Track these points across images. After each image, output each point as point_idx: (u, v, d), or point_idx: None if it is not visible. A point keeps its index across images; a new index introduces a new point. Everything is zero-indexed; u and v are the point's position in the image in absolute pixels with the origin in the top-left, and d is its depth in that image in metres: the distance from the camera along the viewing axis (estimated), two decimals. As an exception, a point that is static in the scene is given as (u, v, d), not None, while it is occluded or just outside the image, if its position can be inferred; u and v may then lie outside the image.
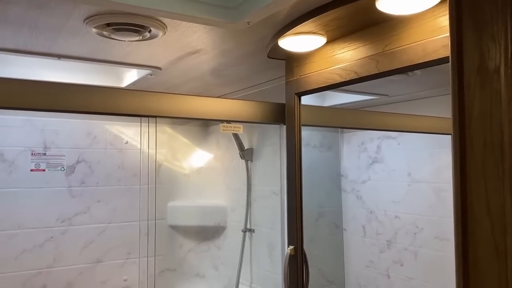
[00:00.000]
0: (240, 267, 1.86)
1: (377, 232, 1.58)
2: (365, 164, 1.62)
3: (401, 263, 1.48)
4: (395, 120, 1.46)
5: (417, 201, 1.43)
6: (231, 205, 2.03)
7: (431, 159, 1.39)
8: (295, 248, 1.29)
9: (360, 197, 1.64)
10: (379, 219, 1.59)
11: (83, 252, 1.88)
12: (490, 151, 0.55)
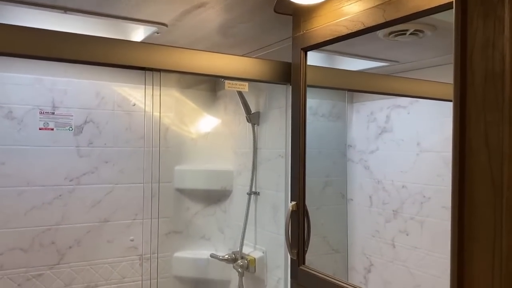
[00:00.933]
0: (244, 229, 1.88)
1: (384, 202, 1.58)
2: (374, 134, 1.60)
3: (407, 233, 1.48)
4: (405, 84, 1.44)
5: (425, 171, 1.42)
6: (238, 169, 2.03)
7: (441, 128, 1.37)
8: (297, 203, 1.30)
9: (368, 167, 1.63)
10: (386, 189, 1.58)
11: (90, 211, 1.91)
12: (491, 81, 0.54)
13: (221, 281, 2.07)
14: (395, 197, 1.51)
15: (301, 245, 1.29)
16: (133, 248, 2.01)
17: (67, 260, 1.87)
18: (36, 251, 1.81)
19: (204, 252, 2.08)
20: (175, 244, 2.10)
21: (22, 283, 1.78)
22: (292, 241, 1.31)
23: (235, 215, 2.04)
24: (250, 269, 1.82)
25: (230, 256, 1.88)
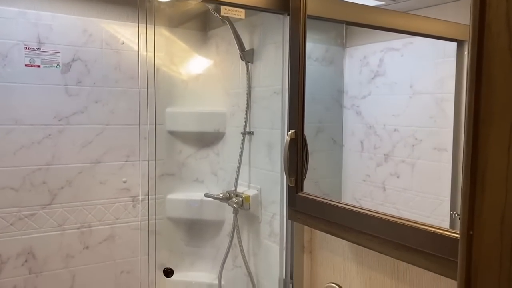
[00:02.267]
0: (238, 169, 1.88)
1: (375, 147, 1.58)
2: (367, 78, 1.58)
3: (398, 175, 1.48)
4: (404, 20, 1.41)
5: (417, 113, 1.41)
6: (231, 110, 2.01)
7: (435, 69, 1.35)
8: (296, 132, 1.29)
9: (360, 113, 1.62)
10: (378, 134, 1.58)
11: (81, 151, 1.88)
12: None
13: (215, 221, 2.08)
14: (387, 141, 1.52)
15: (299, 172, 1.29)
16: (125, 189, 1.99)
17: (59, 200, 1.85)
18: (27, 191, 1.78)
19: (198, 194, 2.08)
20: (168, 187, 2.09)
21: (14, 222, 1.76)
22: (290, 169, 1.31)
23: (229, 157, 2.03)
24: (245, 206, 1.83)
25: (224, 195, 1.89)
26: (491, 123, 0.59)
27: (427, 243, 0.93)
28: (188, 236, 2.14)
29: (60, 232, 1.86)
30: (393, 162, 1.51)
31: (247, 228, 1.89)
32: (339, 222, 1.17)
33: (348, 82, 1.65)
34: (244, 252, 1.84)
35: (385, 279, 1.29)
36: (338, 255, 1.47)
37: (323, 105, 1.71)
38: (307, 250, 1.59)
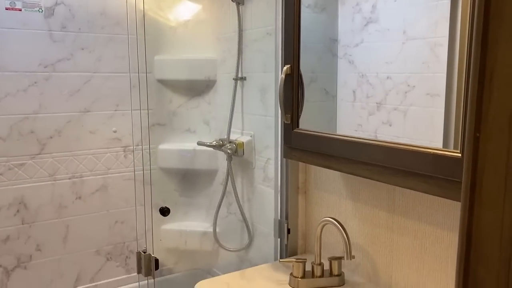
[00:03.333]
0: (231, 116, 1.85)
1: (367, 96, 1.55)
2: (359, 26, 1.54)
3: (390, 124, 1.47)
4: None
5: (410, 59, 1.38)
6: (222, 57, 1.96)
7: (428, 13, 1.31)
8: (291, 67, 1.26)
9: (352, 62, 1.58)
10: (370, 82, 1.55)
11: (69, 100, 1.83)
12: None
13: (208, 170, 2.08)
14: (379, 90, 1.49)
15: (295, 109, 1.28)
16: (116, 139, 1.96)
17: (48, 150, 1.81)
18: (15, 140, 1.74)
19: (190, 144, 2.06)
20: (160, 137, 2.07)
21: (3, 172, 1.73)
22: (286, 105, 1.29)
23: (221, 105, 2.00)
24: (238, 153, 1.82)
25: (217, 142, 1.87)
26: (501, 20, 0.57)
27: (427, 166, 0.93)
28: (181, 186, 2.13)
29: (52, 182, 1.84)
30: (386, 110, 1.49)
31: (240, 174, 1.89)
32: (336, 154, 1.16)
33: (340, 31, 1.60)
34: (238, 198, 1.85)
35: (380, 212, 1.31)
36: (333, 194, 1.48)
37: (315, 54, 1.67)
38: (302, 191, 1.60)
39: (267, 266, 1.48)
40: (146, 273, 1.28)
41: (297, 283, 1.31)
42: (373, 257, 1.34)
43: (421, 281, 1.20)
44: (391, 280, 1.29)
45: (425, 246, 1.18)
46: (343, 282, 1.34)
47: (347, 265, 1.44)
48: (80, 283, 1.94)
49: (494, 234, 0.61)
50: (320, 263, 1.34)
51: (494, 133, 0.61)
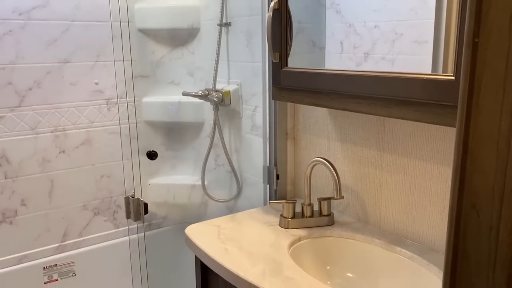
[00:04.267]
0: (216, 65, 1.81)
1: (355, 46, 1.52)
2: None
3: None
4: None
5: (398, 6, 1.34)
6: (205, 2, 1.89)
7: None
8: (279, 1, 1.22)
9: (339, 11, 1.54)
10: (358, 32, 1.51)
11: (48, 50, 1.76)
12: None
13: (194, 123, 2.05)
14: (367, 39, 1.46)
15: (284, 47, 1.25)
16: (98, 92, 1.91)
17: (28, 102, 1.75)
18: (-8, 92, 1.67)
19: (175, 97, 2.02)
20: (143, 89, 2.02)
21: (-18, 125, 1.67)
22: (274, 43, 1.25)
23: (205, 54, 1.95)
24: (225, 102, 1.79)
25: (203, 92, 1.83)
26: None
27: (419, 92, 0.92)
28: (167, 140, 2.10)
29: (33, 136, 1.79)
30: (373, 60, 1.47)
31: (228, 125, 1.87)
32: (326, 89, 1.14)
33: (326, -21, 1.55)
34: (226, 149, 1.83)
35: (370, 152, 1.31)
36: (321, 137, 1.47)
37: (302, 3, 1.62)
38: (290, 136, 1.59)
39: (257, 210, 1.48)
40: (135, 218, 1.27)
41: (287, 223, 1.32)
42: (362, 196, 1.35)
43: (410, 217, 1.22)
44: (380, 218, 1.31)
45: (414, 182, 1.19)
46: (332, 222, 1.35)
47: (337, 207, 1.45)
48: (68, 237, 1.93)
49: (491, 142, 0.61)
50: (310, 204, 1.35)
51: (493, 36, 0.59)
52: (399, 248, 1.17)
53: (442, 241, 1.15)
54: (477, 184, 0.62)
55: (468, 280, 0.65)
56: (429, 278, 1.07)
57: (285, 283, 1.01)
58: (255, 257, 1.14)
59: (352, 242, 1.27)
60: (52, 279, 1.89)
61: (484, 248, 0.63)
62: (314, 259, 1.25)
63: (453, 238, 0.65)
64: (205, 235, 1.28)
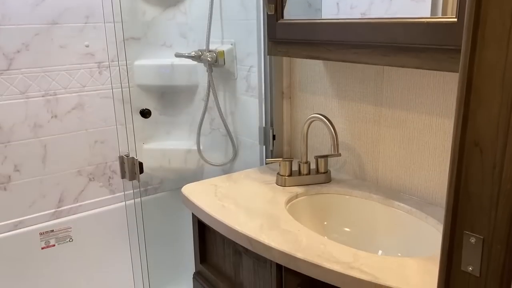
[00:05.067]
0: (209, 24, 1.75)
1: (351, 7, 1.46)
2: None
3: None
4: None
5: None
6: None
7: None
8: (274, -50, 1.17)
9: None
10: None
11: (35, 10, 1.70)
12: None
13: (188, 86, 2.01)
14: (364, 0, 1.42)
15: (279, -2, 1.20)
16: (89, 54, 1.86)
17: (17, 65, 1.70)
18: (-21, 54, 1.62)
19: (167, 60, 1.97)
20: (135, 52, 1.97)
21: (-30, 88, 1.63)
22: (269, -5, 1.21)
23: (197, 14, 1.89)
24: (219, 62, 1.75)
25: (196, 53, 1.79)
26: None
27: (420, 37, 0.89)
28: (161, 104, 2.07)
29: (24, 100, 1.75)
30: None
31: (222, 87, 1.83)
32: (324, 40, 1.11)
33: None
34: (221, 111, 1.80)
35: (367, 107, 1.29)
36: (318, 95, 1.45)
37: None
38: (287, 96, 1.56)
39: (253, 170, 1.47)
40: (130, 177, 1.25)
41: (284, 180, 1.31)
42: (359, 153, 1.34)
43: (408, 171, 1.21)
44: (378, 174, 1.30)
45: (413, 136, 1.18)
46: (329, 179, 1.34)
47: (334, 165, 1.44)
48: (64, 203, 1.92)
49: (496, 76, 0.59)
50: (307, 161, 1.34)
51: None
52: (397, 203, 1.17)
53: (440, 194, 1.14)
54: (481, 121, 0.60)
55: (469, 219, 0.64)
56: (427, 230, 1.07)
57: (283, 236, 1.00)
58: (252, 212, 1.13)
59: (349, 198, 1.26)
60: (49, 245, 1.88)
61: (486, 187, 0.61)
62: (311, 215, 1.25)
63: (455, 177, 0.64)
64: (201, 193, 1.27)
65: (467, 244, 0.64)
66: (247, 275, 1.15)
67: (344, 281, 0.85)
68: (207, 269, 1.30)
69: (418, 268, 0.86)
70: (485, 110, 0.60)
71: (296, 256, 0.92)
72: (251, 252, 1.08)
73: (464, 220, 0.64)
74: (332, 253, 0.93)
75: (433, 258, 0.90)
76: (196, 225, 1.31)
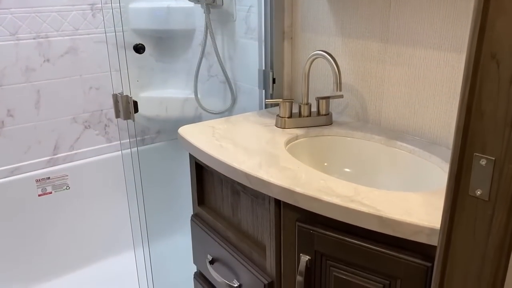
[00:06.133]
0: (207, -38, 1.66)
1: None
2: None
3: None
4: None
5: None
6: None
7: None
8: None
9: None
10: None
11: None
12: None
13: (184, 30, 1.93)
14: None
15: None
16: (81, -5, 1.77)
17: (6, 5, 1.63)
18: (-36, -9, 1.54)
19: (163, 2, 1.88)
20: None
21: (-43, 28, 1.56)
22: None
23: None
24: (217, 2, 1.67)
25: (193, -7, 1.70)
26: None
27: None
28: (157, 50, 2.00)
29: (14, 42, 1.68)
30: None
31: (220, 30, 1.76)
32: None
33: None
34: (219, 56, 1.74)
35: (373, 44, 1.23)
36: (321, 34, 1.38)
37: None
38: (288, 36, 1.50)
39: (252, 113, 1.43)
40: (125, 116, 1.21)
41: (283, 122, 1.27)
42: (362, 94, 1.29)
43: (413, 111, 1.17)
44: (381, 116, 1.26)
45: (419, 73, 1.13)
46: (330, 121, 1.30)
47: (335, 108, 1.40)
48: (60, 151, 1.89)
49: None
50: (308, 103, 1.29)
51: None
52: (399, 143, 1.14)
53: (445, 134, 1.11)
54: (500, 30, 0.55)
55: (481, 139, 0.60)
56: (430, 169, 1.04)
57: (282, 172, 0.97)
58: (251, 151, 1.10)
59: (350, 140, 1.23)
60: (46, 192, 1.87)
61: (502, 103, 0.57)
62: (311, 156, 1.22)
63: (467, 94, 0.60)
64: (199, 134, 1.23)
65: (476, 167, 0.61)
66: (245, 215, 1.13)
67: (344, 214, 0.83)
68: (204, 211, 1.28)
69: (422, 201, 0.84)
70: (505, 18, 0.54)
71: (295, 191, 0.90)
72: (249, 189, 1.06)
73: (475, 141, 0.60)
74: (332, 188, 0.90)
75: (437, 192, 0.87)
76: (194, 167, 1.28)
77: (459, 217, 0.64)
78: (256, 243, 1.10)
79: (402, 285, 0.82)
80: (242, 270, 1.12)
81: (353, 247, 0.85)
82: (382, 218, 0.79)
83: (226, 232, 1.19)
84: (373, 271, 0.85)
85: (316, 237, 0.90)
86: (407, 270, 0.80)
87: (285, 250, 0.99)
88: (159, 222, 2.16)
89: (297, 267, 0.96)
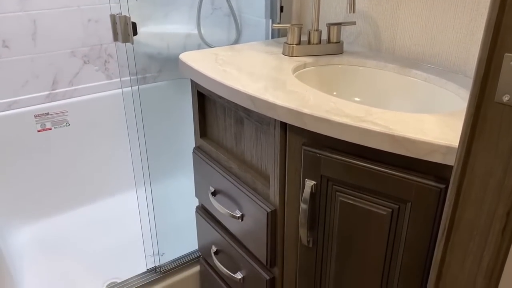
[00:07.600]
0: None
1: None
2: None
3: None
4: None
5: None
6: None
7: None
8: None
9: None
10: None
11: None
12: None
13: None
14: None
15: None
16: None
17: None
18: None
19: None
20: None
21: None
22: None
23: None
24: None
25: None
26: None
27: None
28: (158, -18, 1.89)
29: (6, -34, 1.58)
30: None
31: (226, -42, 1.65)
32: None
33: None
34: (224, -15, 1.64)
35: (390, -36, 1.13)
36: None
37: None
38: (298, -40, 1.39)
39: (258, 42, 1.35)
40: (123, 39, 1.14)
41: (291, 49, 1.20)
42: (376, 21, 1.21)
43: (429, 37, 1.09)
44: (395, 44, 1.18)
45: (440, -7, 1.04)
46: (341, 50, 1.23)
47: (347, 38, 1.32)
48: (58, 86, 1.83)
49: None
50: (318, 29, 1.21)
51: None
52: (414, 71, 1.07)
53: (464, 59, 1.03)
54: None
55: (514, 36, 0.53)
56: (445, 96, 0.98)
57: (289, 95, 0.92)
58: (256, 76, 1.04)
59: (362, 69, 1.16)
60: (46, 128, 1.83)
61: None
62: (319, 85, 1.15)
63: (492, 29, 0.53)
64: (201, 60, 1.17)
65: (506, 69, 0.55)
66: (248, 144, 1.08)
67: (355, 133, 0.78)
68: (207, 143, 1.24)
69: (437, 122, 0.78)
70: None
71: (302, 112, 0.84)
72: (253, 115, 1.01)
73: (507, 39, 0.54)
74: (342, 109, 0.84)
75: (453, 114, 0.82)
76: (196, 96, 1.22)
77: (482, 126, 0.58)
78: (260, 173, 1.07)
79: (412, 209, 0.78)
80: (245, 200, 1.09)
81: (361, 169, 0.80)
82: (394, 137, 0.74)
83: (228, 163, 1.15)
84: (382, 194, 0.81)
85: (322, 161, 0.86)
86: (419, 192, 0.76)
87: (290, 176, 0.95)
88: (161, 162, 2.14)
89: (301, 194, 0.92)
